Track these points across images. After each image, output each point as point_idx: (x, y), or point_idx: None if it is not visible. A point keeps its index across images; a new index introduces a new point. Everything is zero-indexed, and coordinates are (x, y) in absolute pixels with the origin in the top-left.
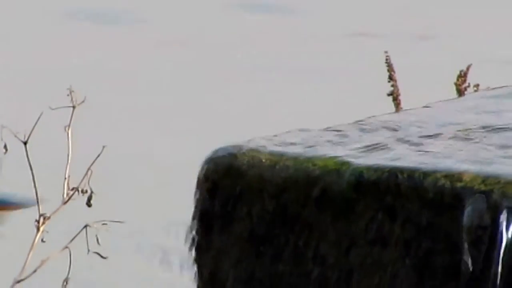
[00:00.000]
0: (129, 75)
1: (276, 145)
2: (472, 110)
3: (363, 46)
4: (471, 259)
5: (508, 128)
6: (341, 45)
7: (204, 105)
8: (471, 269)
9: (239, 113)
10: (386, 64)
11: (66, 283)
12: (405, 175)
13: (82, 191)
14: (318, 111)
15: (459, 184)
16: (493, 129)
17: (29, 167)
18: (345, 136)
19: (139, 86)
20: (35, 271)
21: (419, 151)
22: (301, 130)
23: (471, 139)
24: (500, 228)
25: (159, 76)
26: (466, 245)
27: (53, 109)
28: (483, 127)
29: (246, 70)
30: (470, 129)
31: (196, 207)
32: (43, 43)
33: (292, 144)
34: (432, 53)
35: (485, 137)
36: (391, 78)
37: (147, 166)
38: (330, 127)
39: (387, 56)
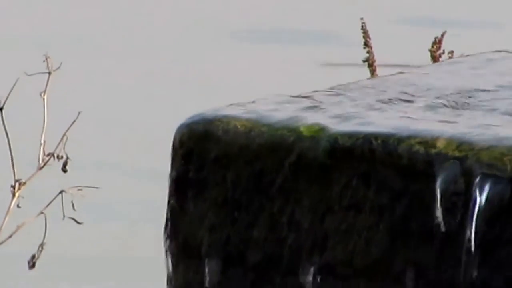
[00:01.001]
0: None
1: (252, 111)
2: (447, 76)
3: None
4: (445, 224)
5: (483, 95)
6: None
7: (190, 71)
8: (445, 233)
9: (221, 81)
10: (362, 31)
11: (42, 248)
12: (379, 141)
13: (57, 156)
14: (292, 77)
15: (433, 151)
16: (468, 95)
17: (4, 133)
18: (320, 102)
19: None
20: (10, 236)
21: (394, 117)
22: (277, 96)
23: (446, 105)
24: (474, 194)
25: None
26: (440, 211)
27: (29, 75)
28: (458, 93)
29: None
30: (446, 94)
31: (171, 172)
32: None
33: (267, 110)
34: None
35: (460, 103)
36: (366, 44)
37: (125, 133)
38: (305, 94)
39: (362, 22)
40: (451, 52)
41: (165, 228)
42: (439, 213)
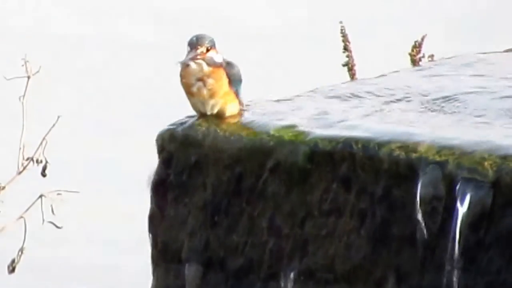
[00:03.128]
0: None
1: (238, 115)
2: (427, 80)
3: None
4: (427, 229)
5: (462, 98)
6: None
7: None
8: (426, 238)
9: None
10: (341, 35)
11: (22, 252)
12: (360, 145)
13: (37, 161)
14: (275, 78)
15: (414, 155)
16: (448, 99)
17: None
18: (300, 106)
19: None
20: None
21: (375, 121)
22: (257, 101)
23: (427, 109)
24: (456, 199)
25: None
26: (421, 215)
27: (8, 80)
28: (439, 97)
29: None
30: (426, 98)
31: (151, 177)
32: None
33: (247, 115)
34: None
35: (440, 106)
36: (346, 48)
37: (107, 137)
38: (285, 98)
39: (342, 26)
40: (431, 56)
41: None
42: (420, 217)
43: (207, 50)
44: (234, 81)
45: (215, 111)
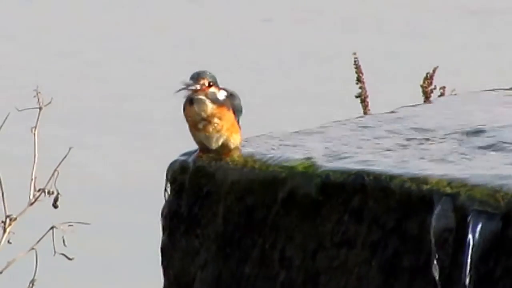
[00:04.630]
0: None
1: (243, 147)
2: (439, 112)
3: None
4: (438, 260)
5: (474, 132)
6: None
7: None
8: (438, 270)
9: None
10: (355, 66)
11: (33, 284)
12: (371, 177)
13: (48, 192)
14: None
15: (425, 187)
16: (459, 132)
17: None
18: (312, 138)
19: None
20: (1, 272)
21: (386, 154)
22: (269, 134)
23: (437, 142)
24: (467, 230)
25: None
26: (432, 247)
27: (19, 111)
28: (451, 131)
29: None
30: (437, 132)
31: (163, 208)
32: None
33: (259, 147)
34: None
35: (451, 140)
36: (359, 80)
37: (116, 167)
38: (297, 131)
39: (355, 58)
40: (443, 88)
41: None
42: (431, 249)
43: (209, 85)
44: (237, 111)
45: (219, 144)
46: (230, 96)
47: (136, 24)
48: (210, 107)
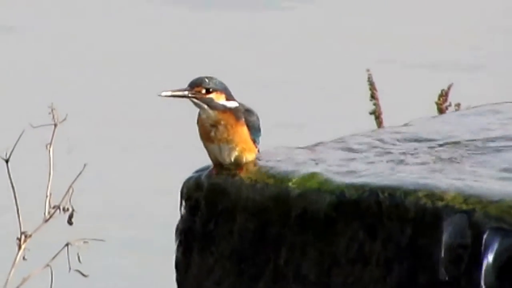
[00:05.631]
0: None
1: (257, 163)
2: (454, 127)
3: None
4: (453, 277)
5: (489, 147)
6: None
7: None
8: (452, 287)
9: None
10: (368, 83)
11: None
12: (386, 194)
13: (63, 209)
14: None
15: (440, 203)
16: (475, 148)
17: (10, 185)
18: (326, 155)
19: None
20: None
21: (401, 170)
22: (283, 148)
23: (453, 157)
24: (483, 248)
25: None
26: (447, 264)
27: (34, 127)
28: (465, 146)
29: None
30: (453, 147)
31: (177, 225)
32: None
33: (273, 162)
34: None
35: (466, 156)
36: (373, 96)
37: (131, 183)
38: (312, 145)
39: (369, 74)
40: (458, 105)
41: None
42: (446, 266)
43: (208, 92)
44: (253, 128)
45: (232, 159)
46: (246, 111)
47: (153, 40)
48: (209, 111)
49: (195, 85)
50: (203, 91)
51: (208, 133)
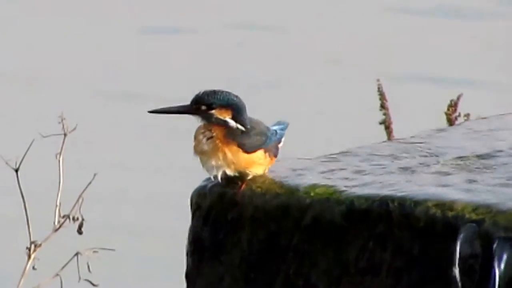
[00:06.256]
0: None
1: (268, 173)
2: (464, 138)
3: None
4: (463, 287)
5: (498, 156)
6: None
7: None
8: None
9: None
10: (378, 93)
11: None
12: (396, 204)
13: (73, 218)
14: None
15: (450, 213)
16: (484, 158)
17: (20, 195)
18: (336, 164)
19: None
20: None
21: (411, 179)
22: (293, 159)
23: (463, 168)
24: (493, 257)
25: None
26: (457, 274)
27: (44, 137)
28: (475, 156)
29: None
30: (462, 158)
31: (188, 234)
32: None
33: (283, 172)
34: None
35: (476, 166)
36: (383, 106)
37: (140, 194)
38: (322, 156)
39: (379, 84)
40: (467, 115)
41: None
42: (456, 276)
43: (209, 108)
44: (268, 139)
45: (218, 175)
46: (250, 128)
47: (166, 50)
48: (201, 125)
49: (194, 102)
50: (203, 107)
51: (196, 145)
